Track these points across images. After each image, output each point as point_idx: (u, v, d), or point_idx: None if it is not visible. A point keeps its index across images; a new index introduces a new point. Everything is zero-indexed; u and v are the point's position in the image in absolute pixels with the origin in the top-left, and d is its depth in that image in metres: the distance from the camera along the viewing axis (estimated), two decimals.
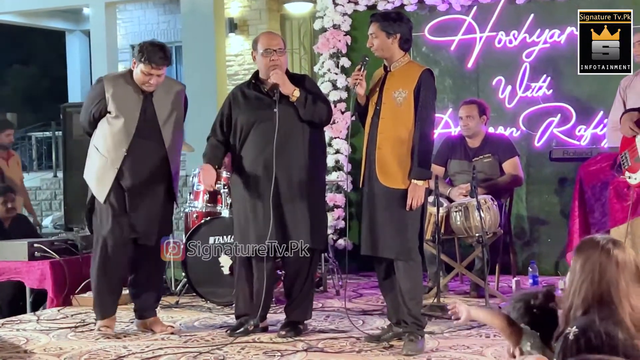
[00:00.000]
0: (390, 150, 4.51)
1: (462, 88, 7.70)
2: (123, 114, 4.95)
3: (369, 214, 4.59)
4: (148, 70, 4.90)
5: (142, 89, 5.00)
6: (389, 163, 4.52)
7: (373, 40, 4.61)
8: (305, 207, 4.85)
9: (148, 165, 4.99)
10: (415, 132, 4.48)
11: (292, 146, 4.85)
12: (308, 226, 4.85)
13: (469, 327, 5.09)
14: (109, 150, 4.98)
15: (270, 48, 4.89)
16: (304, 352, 4.51)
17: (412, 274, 4.54)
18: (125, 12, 15.10)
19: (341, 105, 7.88)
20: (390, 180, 4.51)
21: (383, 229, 4.51)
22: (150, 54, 4.89)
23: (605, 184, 5.50)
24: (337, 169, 7.91)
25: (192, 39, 12.04)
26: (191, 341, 4.88)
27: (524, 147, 7.30)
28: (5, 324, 5.60)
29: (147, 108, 4.99)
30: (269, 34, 5.19)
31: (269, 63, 4.88)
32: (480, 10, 7.62)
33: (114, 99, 4.96)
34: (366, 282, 7.12)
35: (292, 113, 4.86)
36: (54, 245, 6.25)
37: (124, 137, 4.94)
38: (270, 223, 4.76)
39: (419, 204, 4.49)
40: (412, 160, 4.48)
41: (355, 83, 4.60)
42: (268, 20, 12.17)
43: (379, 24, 4.60)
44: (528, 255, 7.34)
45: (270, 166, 4.77)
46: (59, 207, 13.42)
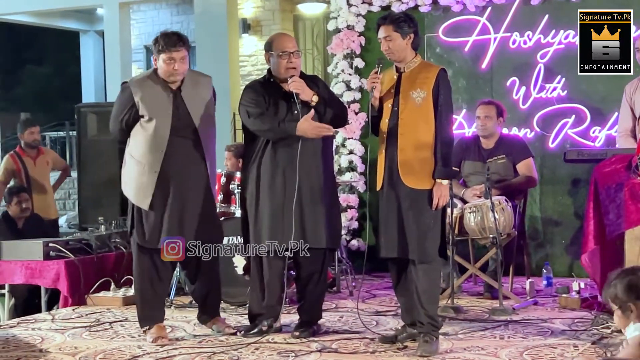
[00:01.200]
0: (413, 151, 4.52)
1: (476, 89, 7.68)
2: (155, 115, 4.86)
3: (392, 215, 4.57)
4: (169, 56, 4.83)
5: (171, 87, 4.92)
6: (413, 164, 4.52)
7: (388, 43, 4.59)
8: (324, 208, 4.89)
9: (187, 164, 4.92)
10: (437, 131, 4.51)
11: (311, 149, 4.87)
12: (327, 227, 4.88)
13: (483, 328, 5.08)
14: (146, 154, 4.86)
15: (287, 50, 4.90)
16: (318, 353, 4.52)
17: (431, 275, 4.55)
18: (139, 12, 15.13)
19: (355, 106, 7.87)
20: (415, 181, 4.51)
21: (406, 230, 4.52)
22: (166, 40, 4.86)
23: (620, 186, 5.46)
24: (351, 170, 7.91)
25: (205, 40, 12.06)
26: (205, 341, 4.89)
27: (538, 148, 7.28)
28: (20, 323, 5.63)
29: (179, 105, 4.91)
30: (283, 35, 5.19)
31: (286, 65, 4.89)
32: (494, 10, 7.60)
33: (144, 102, 4.87)
34: (379, 282, 7.11)
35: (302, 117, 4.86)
36: (69, 245, 6.27)
37: (160, 138, 4.85)
38: (292, 223, 4.77)
39: (444, 203, 4.52)
40: (435, 159, 4.50)
41: (373, 86, 4.59)
42: (281, 21, 12.16)
43: (393, 25, 4.59)
44: (542, 257, 7.32)
45: (292, 168, 4.80)
46: (73, 207, 13.46)
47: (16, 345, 4.91)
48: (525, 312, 5.62)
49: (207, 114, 5.00)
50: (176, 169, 4.88)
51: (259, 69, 12.19)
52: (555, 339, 4.76)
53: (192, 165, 4.93)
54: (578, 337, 4.78)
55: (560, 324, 5.20)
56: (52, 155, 8.23)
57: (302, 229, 4.83)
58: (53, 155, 8.38)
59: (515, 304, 5.79)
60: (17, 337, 5.13)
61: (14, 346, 4.88)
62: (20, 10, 14.93)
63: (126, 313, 5.81)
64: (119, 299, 6.12)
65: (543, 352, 4.45)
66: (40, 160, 7.76)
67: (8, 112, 19.23)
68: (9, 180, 7.64)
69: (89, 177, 7.67)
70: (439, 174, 4.49)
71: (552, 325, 5.15)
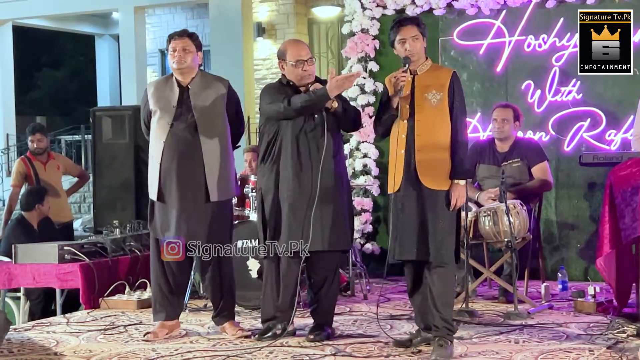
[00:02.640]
0: (431, 152, 4.54)
1: (491, 92, 7.66)
2: (160, 107, 5.05)
3: (413, 217, 4.55)
4: (173, 47, 5.02)
5: (181, 84, 5.04)
6: (431, 165, 4.54)
7: (415, 42, 4.60)
8: (339, 210, 4.90)
9: (186, 159, 4.99)
10: (453, 132, 4.54)
11: (328, 152, 4.88)
12: (341, 230, 4.90)
13: (498, 332, 5.07)
14: (152, 145, 5.09)
15: (301, 59, 4.92)
16: (332, 356, 4.51)
17: (446, 279, 4.55)
18: (154, 16, 15.21)
19: (369, 110, 7.86)
20: (433, 182, 4.52)
21: (423, 232, 4.52)
22: (171, 33, 5.12)
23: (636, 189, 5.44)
24: (365, 173, 7.90)
25: (220, 43, 12.11)
26: (219, 344, 4.90)
27: (553, 152, 7.26)
28: (35, 326, 5.65)
29: (184, 100, 5.04)
30: (295, 42, 5.18)
31: (302, 74, 4.92)
32: (509, 14, 7.58)
33: (153, 96, 5.10)
34: (394, 286, 7.10)
35: (325, 121, 4.88)
36: (84, 248, 6.29)
37: (162, 129, 5.02)
38: (310, 226, 4.79)
39: (462, 204, 4.55)
40: (452, 160, 4.52)
41: (402, 85, 4.57)
42: (295, 25, 12.19)
43: (418, 27, 4.62)
44: (557, 261, 7.29)
45: (310, 171, 4.83)
46: (88, 210, 13.53)
47: (31, 348, 4.93)
48: (540, 316, 5.60)
49: (214, 113, 5.05)
50: (175, 163, 4.99)
51: (274, 73, 12.23)
52: (570, 344, 4.73)
53: (190, 160, 4.99)
54: (593, 342, 4.76)
55: (576, 328, 5.18)
56: (64, 161, 8.24)
57: (320, 231, 4.83)
58: (65, 161, 8.39)
59: (530, 308, 5.76)
60: (32, 340, 5.15)
61: (29, 349, 4.90)
62: (37, 14, 15.05)
63: (141, 316, 5.82)
64: (133, 302, 6.14)
65: (558, 357, 4.43)
66: (50, 164, 7.79)
67: (24, 115, 19.35)
68: (22, 183, 7.68)
69: (104, 180, 7.70)
70: (456, 174, 4.51)
71: (568, 330, 5.13)
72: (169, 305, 5.15)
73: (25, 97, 21.85)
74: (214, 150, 5.03)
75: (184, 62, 5.01)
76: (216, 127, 5.05)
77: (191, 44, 5.03)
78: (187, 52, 5.01)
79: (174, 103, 5.03)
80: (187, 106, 5.03)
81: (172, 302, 5.16)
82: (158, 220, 5.09)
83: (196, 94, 5.05)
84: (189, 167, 4.99)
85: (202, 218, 5.03)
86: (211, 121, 5.04)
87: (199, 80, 5.09)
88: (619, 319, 5.11)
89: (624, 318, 5.17)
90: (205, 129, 5.02)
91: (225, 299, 5.19)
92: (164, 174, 5.02)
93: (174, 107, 5.02)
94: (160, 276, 5.12)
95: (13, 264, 6.22)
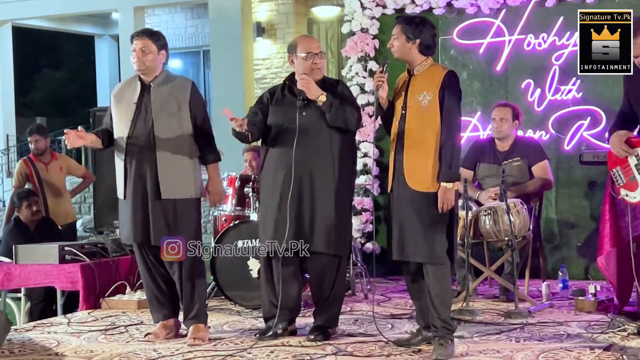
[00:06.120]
0: (418, 154, 4.51)
1: (491, 91, 7.66)
2: (121, 103, 5.08)
3: (400, 218, 4.57)
4: (133, 47, 5.03)
5: (144, 82, 5.05)
6: (417, 167, 4.51)
7: (394, 41, 4.62)
8: (328, 213, 4.85)
9: (143, 154, 4.98)
10: (442, 134, 4.47)
11: (315, 150, 4.87)
12: (328, 231, 4.85)
13: (499, 331, 5.07)
14: (116, 142, 5.08)
15: (312, 52, 4.94)
16: (332, 356, 4.51)
17: (442, 278, 4.52)
18: (154, 16, 15.19)
19: (369, 109, 7.87)
20: (419, 184, 4.49)
21: (413, 233, 4.50)
22: (132, 34, 5.13)
23: None
24: (365, 172, 7.90)
25: (220, 43, 12.10)
26: (220, 344, 4.90)
27: (553, 151, 7.26)
28: (36, 326, 5.65)
29: (144, 97, 5.04)
30: (307, 37, 5.27)
31: (312, 66, 4.93)
32: (509, 13, 7.59)
33: (116, 95, 5.13)
34: (394, 285, 7.10)
35: (320, 117, 4.88)
36: (85, 249, 6.29)
37: (124, 124, 5.02)
38: (286, 224, 4.80)
39: (450, 207, 4.47)
40: (440, 163, 4.47)
41: (378, 86, 4.59)
42: (295, 24, 12.18)
43: (401, 26, 4.59)
44: (558, 259, 7.29)
45: (291, 169, 4.83)
46: (89, 211, 13.52)
47: (32, 348, 4.93)
48: (541, 315, 5.60)
49: (173, 111, 5.00)
50: (135, 159, 4.98)
51: (273, 72, 12.22)
52: (571, 342, 4.74)
53: (146, 157, 4.97)
54: (594, 340, 4.76)
55: (577, 326, 5.18)
56: (67, 162, 8.21)
57: (300, 230, 4.84)
58: (68, 162, 8.34)
59: (531, 306, 5.77)
60: (33, 340, 5.15)
61: (30, 350, 4.90)
62: (36, 15, 15.03)
63: (141, 316, 5.82)
64: (134, 302, 6.14)
65: (559, 355, 4.43)
66: (52, 165, 7.76)
67: (24, 116, 19.33)
68: (23, 184, 7.66)
69: (104, 181, 7.70)
70: (442, 177, 4.46)
71: (568, 328, 5.13)
72: (163, 306, 5.14)
73: (25, 98, 21.83)
74: (170, 147, 4.97)
75: (142, 64, 5.02)
76: (173, 125, 5.00)
77: (151, 44, 5.01)
78: (145, 53, 5.00)
79: (134, 100, 5.04)
80: (146, 104, 5.03)
81: (166, 301, 5.15)
82: (120, 220, 5.11)
83: (156, 92, 5.04)
84: (145, 163, 4.98)
85: (155, 216, 4.96)
86: (169, 119, 4.99)
87: (162, 80, 5.07)
88: (619, 318, 5.11)
89: (624, 316, 5.18)
90: (161, 126, 4.97)
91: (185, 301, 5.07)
92: (126, 171, 5.02)
93: (134, 104, 5.04)
94: (148, 279, 5.13)
95: (13, 264, 6.23)
